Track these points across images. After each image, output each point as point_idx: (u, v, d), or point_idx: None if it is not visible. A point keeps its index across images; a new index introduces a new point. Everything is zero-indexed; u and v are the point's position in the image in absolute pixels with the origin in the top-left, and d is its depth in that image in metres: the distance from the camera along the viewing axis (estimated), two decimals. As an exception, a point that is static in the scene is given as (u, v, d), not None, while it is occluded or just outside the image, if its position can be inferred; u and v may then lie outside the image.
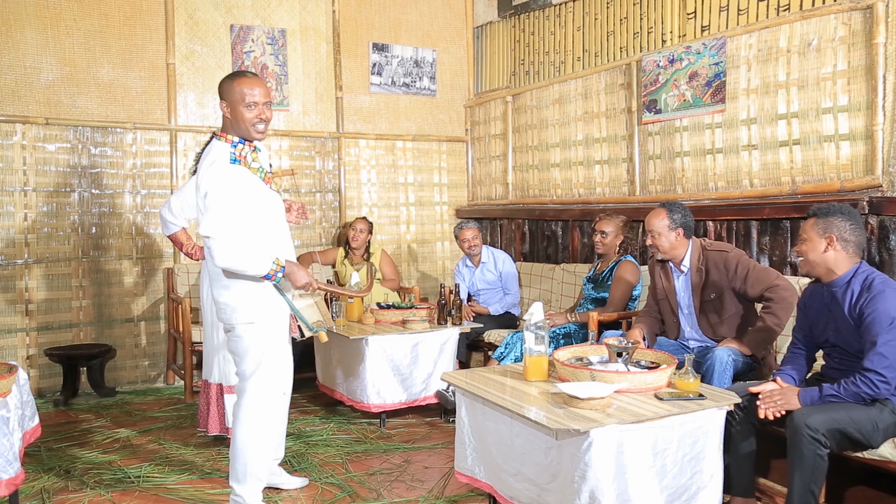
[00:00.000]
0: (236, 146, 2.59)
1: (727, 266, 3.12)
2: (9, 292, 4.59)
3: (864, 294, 2.42)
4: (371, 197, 5.84)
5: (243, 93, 2.54)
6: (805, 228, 2.56)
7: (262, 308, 2.65)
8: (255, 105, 2.55)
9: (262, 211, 2.61)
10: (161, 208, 3.65)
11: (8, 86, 4.56)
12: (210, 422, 3.52)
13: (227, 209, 2.48)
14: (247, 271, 2.53)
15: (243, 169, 2.57)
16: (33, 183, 4.66)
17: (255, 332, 2.65)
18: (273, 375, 2.72)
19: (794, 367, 2.68)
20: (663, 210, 3.24)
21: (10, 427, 2.39)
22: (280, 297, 2.69)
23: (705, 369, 2.92)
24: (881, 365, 2.32)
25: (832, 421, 2.32)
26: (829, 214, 2.51)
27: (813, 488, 2.31)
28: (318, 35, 5.55)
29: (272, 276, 2.56)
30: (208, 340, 3.55)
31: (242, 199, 2.53)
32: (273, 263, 2.55)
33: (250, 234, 2.54)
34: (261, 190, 2.62)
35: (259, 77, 2.66)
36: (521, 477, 2.40)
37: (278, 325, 2.73)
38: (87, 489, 3.09)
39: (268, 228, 2.65)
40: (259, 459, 2.72)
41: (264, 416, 2.72)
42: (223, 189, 2.49)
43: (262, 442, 2.72)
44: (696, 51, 4.04)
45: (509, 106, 5.68)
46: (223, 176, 2.51)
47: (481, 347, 4.71)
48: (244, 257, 2.50)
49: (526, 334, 2.69)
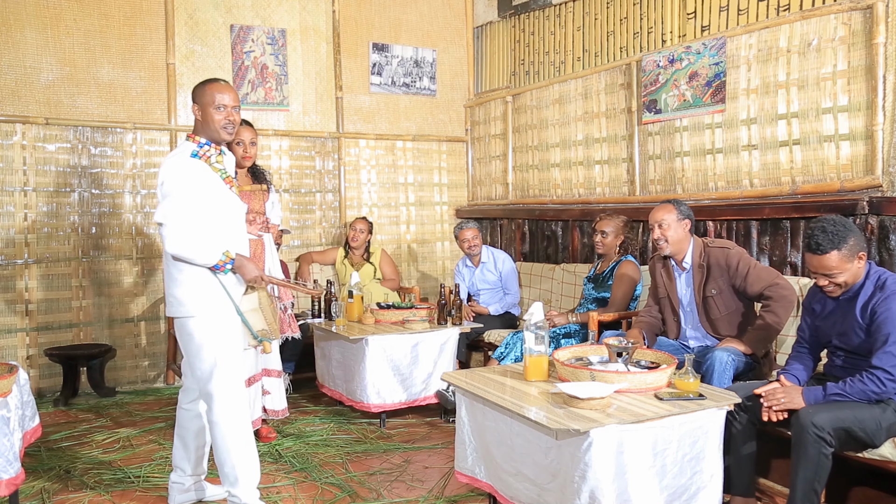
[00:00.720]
0: (202, 146, 2.69)
1: (728, 263, 3.13)
2: (9, 292, 4.59)
3: (877, 293, 2.42)
4: (371, 197, 5.84)
5: (213, 96, 2.66)
6: (830, 262, 2.43)
7: (210, 301, 2.65)
8: (224, 108, 2.67)
9: (217, 207, 2.67)
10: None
11: (8, 86, 4.56)
12: None
13: (181, 198, 2.56)
14: (196, 259, 2.59)
15: (203, 164, 2.65)
16: (33, 183, 4.66)
17: (203, 327, 2.64)
18: (234, 370, 2.69)
19: (798, 366, 2.67)
20: (669, 204, 3.28)
21: (11, 427, 2.39)
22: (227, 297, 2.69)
23: (705, 369, 2.92)
24: (890, 363, 2.32)
25: (838, 420, 2.32)
26: (845, 239, 2.41)
27: (816, 487, 2.31)
28: (318, 35, 5.55)
29: (221, 266, 2.61)
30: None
31: (197, 190, 2.60)
32: (222, 254, 2.60)
33: (202, 225, 2.60)
34: (218, 187, 2.68)
35: (230, 84, 2.78)
36: (522, 477, 2.40)
37: (228, 321, 2.69)
38: (87, 489, 3.09)
39: (221, 224, 2.68)
40: (245, 458, 2.71)
41: (238, 414, 2.69)
42: (179, 179, 2.58)
43: (244, 440, 2.70)
44: (696, 51, 4.04)
45: (509, 106, 5.68)
46: (180, 166, 2.60)
47: (481, 347, 4.71)
48: (194, 245, 2.57)
49: (526, 334, 2.69)
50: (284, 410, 3.77)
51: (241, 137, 3.58)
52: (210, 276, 2.64)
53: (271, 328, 2.79)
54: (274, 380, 3.72)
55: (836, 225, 2.43)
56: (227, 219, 2.71)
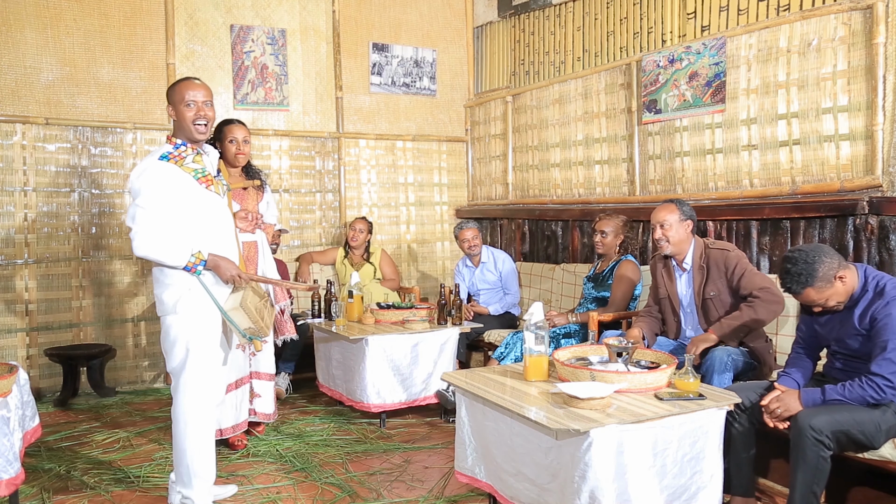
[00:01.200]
0: (178, 147, 2.70)
1: (727, 264, 3.14)
2: (9, 292, 4.59)
3: (876, 299, 2.41)
4: (371, 197, 5.84)
5: (184, 94, 2.68)
6: (810, 298, 2.46)
7: (187, 299, 2.67)
8: (194, 103, 2.68)
9: (189, 208, 2.67)
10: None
11: (8, 86, 4.56)
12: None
13: (146, 201, 2.58)
14: (165, 261, 2.62)
15: (172, 166, 2.65)
16: (33, 183, 4.66)
17: (179, 323, 2.67)
18: (203, 372, 2.70)
19: (796, 368, 2.67)
20: (672, 204, 3.28)
21: (11, 427, 2.39)
22: (209, 298, 2.70)
23: (705, 369, 2.92)
24: (889, 370, 2.31)
25: (836, 423, 2.32)
26: (812, 275, 2.40)
27: (815, 489, 2.31)
28: (318, 35, 5.55)
29: (192, 268, 2.62)
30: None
31: (164, 192, 2.61)
32: (192, 255, 2.61)
33: (171, 227, 2.61)
34: (190, 188, 2.67)
35: (203, 82, 2.78)
36: (522, 477, 2.40)
37: (205, 320, 2.70)
38: (87, 489, 3.09)
39: (195, 224, 2.68)
40: (200, 459, 2.71)
41: (199, 415, 2.70)
42: (145, 182, 2.60)
43: (201, 441, 2.71)
44: (696, 51, 4.04)
45: (509, 106, 5.68)
46: (146, 170, 2.63)
47: (481, 347, 4.71)
48: (160, 248, 2.59)
49: (526, 334, 2.69)
50: (274, 413, 3.71)
51: (233, 135, 3.57)
52: (189, 277, 2.66)
53: (258, 326, 2.78)
54: (264, 383, 3.63)
55: (799, 263, 2.41)
56: (201, 219, 2.70)
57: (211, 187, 2.74)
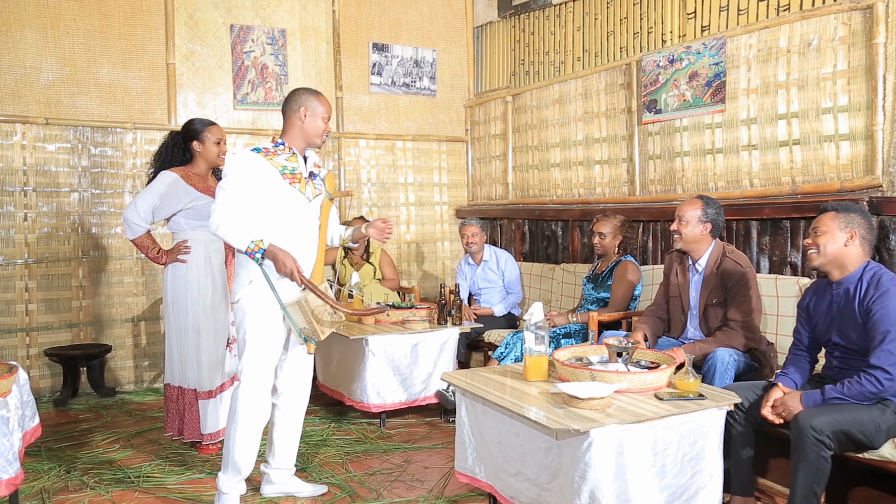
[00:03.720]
0: (277, 146, 2.81)
1: (734, 278, 3.11)
2: (9, 292, 4.59)
3: (871, 290, 2.42)
4: (371, 197, 5.84)
5: (325, 109, 2.84)
6: (824, 221, 2.53)
7: (253, 290, 2.73)
8: (326, 121, 2.87)
9: (268, 198, 2.73)
10: (126, 210, 3.42)
11: (8, 86, 4.56)
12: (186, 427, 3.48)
13: (228, 184, 2.71)
14: (228, 240, 2.70)
15: (261, 158, 2.75)
16: (33, 183, 4.66)
17: (243, 310, 2.74)
18: (260, 361, 2.74)
19: (795, 369, 2.67)
20: (699, 201, 3.23)
21: (10, 427, 2.38)
22: (271, 292, 2.73)
23: (706, 370, 2.92)
24: (888, 362, 2.31)
25: (836, 423, 2.31)
26: (850, 211, 2.52)
27: (816, 490, 2.31)
28: (318, 35, 5.55)
29: (251, 253, 2.65)
30: (176, 344, 3.48)
31: (245, 179, 2.70)
32: (252, 241, 2.65)
33: (246, 212, 2.70)
34: (274, 181, 2.73)
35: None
36: (522, 477, 2.40)
37: (264, 314, 2.74)
38: (87, 489, 3.09)
39: (270, 216, 2.73)
40: (241, 448, 2.74)
41: (249, 406, 2.74)
42: (231, 168, 2.75)
43: (246, 431, 2.74)
44: (696, 51, 4.04)
45: (509, 106, 5.68)
46: (238, 157, 2.76)
47: (481, 347, 4.71)
48: (229, 228, 2.67)
49: (526, 334, 2.69)
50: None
51: (219, 136, 3.51)
52: (255, 268, 2.72)
53: (312, 328, 2.78)
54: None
55: (860, 206, 2.59)
56: (278, 212, 2.75)
57: (296, 185, 2.78)
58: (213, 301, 3.43)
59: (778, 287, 3.39)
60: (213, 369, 3.43)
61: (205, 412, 3.44)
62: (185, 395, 3.48)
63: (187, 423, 3.47)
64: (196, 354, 3.42)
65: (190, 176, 3.45)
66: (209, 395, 3.44)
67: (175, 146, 3.53)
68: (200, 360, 3.42)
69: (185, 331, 3.43)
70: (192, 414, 3.47)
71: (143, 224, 3.42)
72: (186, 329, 3.42)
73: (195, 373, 3.44)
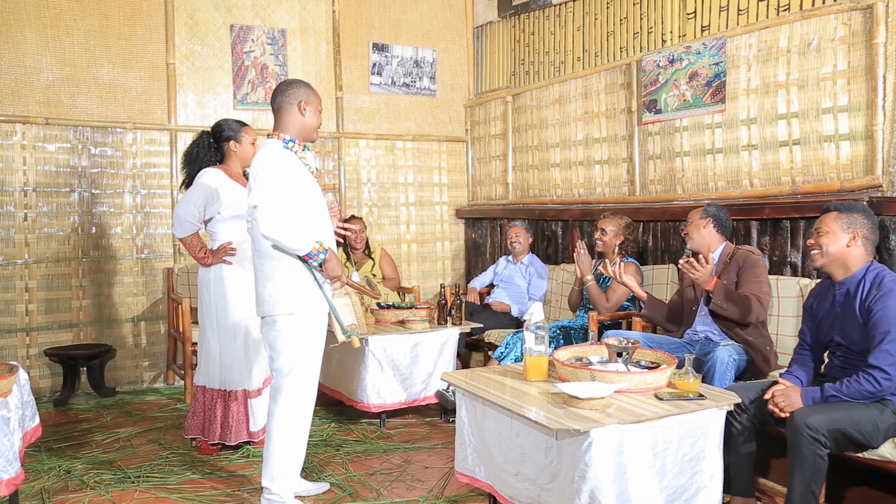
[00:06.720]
0: (287, 143, 2.73)
1: (745, 261, 3.18)
2: (9, 292, 4.59)
3: (873, 291, 2.42)
4: (371, 197, 5.84)
5: (320, 105, 2.82)
6: (826, 221, 2.55)
7: (304, 300, 2.68)
8: (320, 115, 2.84)
9: (308, 197, 2.70)
10: (178, 207, 3.39)
11: (8, 86, 4.56)
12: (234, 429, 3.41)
13: (275, 182, 2.58)
14: (287, 243, 2.58)
15: (293, 155, 2.71)
16: (33, 183, 4.66)
17: (295, 324, 2.68)
18: (310, 373, 2.76)
19: (800, 367, 2.67)
20: (702, 206, 3.41)
21: (11, 427, 2.39)
22: (320, 294, 2.72)
23: (706, 369, 2.92)
24: (886, 362, 2.32)
25: (832, 421, 2.32)
26: (853, 211, 2.52)
27: (813, 488, 2.31)
28: (318, 35, 5.55)
29: (314, 255, 2.61)
30: (217, 345, 3.44)
31: (290, 177, 2.64)
32: (316, 242, 2.62)
33: (295, 212, 2.62)
34: (307, 179, 2.72)
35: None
36: (522, 477, 2.40)
37: (318, 320, 2.74)
38: (87, 489, 3.09)
39: (312, 214, 2.72)
40: (293, 458, 2.77)
41: (301, 415, 2.76)
42: (272, 165, 2.61)
43: (297, 440, 2.77)
44: (696, 51, 4.04)
45: (509, 106, 5.68)
46: (274, 155, 2.64)
47: (481, 347, 4.71)
48: (288, 229, 2.57)
49: (526, 334, 2.69)
50: None
51: (255, 137, 3.57)
52: (304, 272, 2.66)
53: (360, 322, 2.82)
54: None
55: (863, 205, 2.58)
56: (316, 211, 2.74)
57: (317, 181, 2.81)
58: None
59: (778, 287, 3.40)
60: (261, 368, 3.45)
61: (253, 410, 3.43)
62: (227, 397, 3.41)
63: (226, 424, 3.40)
64: (244, 354, 3.41)
65: (232, 174, 3.48)
66: (258, 394, 3.46)
67: (209, 146, 3.53)
68: (250, 358, 3.41)
69: (230, 332, 3.39)
70: (230, 414, 3.40)
71: (195, 221, 3.39)
72: (233, 330, 3.39)
73: (240, 374, 3.41)
